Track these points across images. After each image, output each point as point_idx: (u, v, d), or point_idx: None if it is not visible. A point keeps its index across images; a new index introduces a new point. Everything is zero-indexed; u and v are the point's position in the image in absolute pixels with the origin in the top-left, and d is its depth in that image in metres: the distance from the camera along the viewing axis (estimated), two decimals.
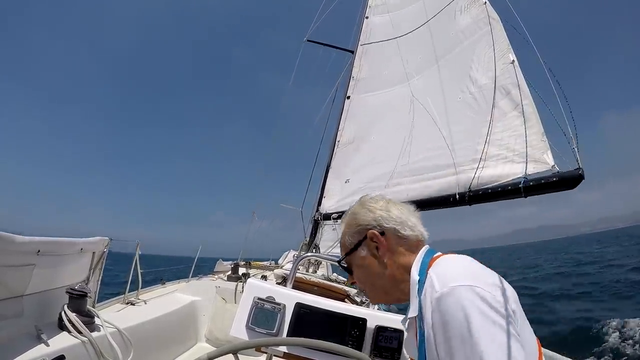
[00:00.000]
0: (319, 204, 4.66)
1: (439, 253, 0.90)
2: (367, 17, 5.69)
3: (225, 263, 4.66)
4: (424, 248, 0.94)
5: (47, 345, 1.49)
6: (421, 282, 0.80)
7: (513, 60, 2.55)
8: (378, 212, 0.98)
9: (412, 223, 0.97)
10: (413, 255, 0.92)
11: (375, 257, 0.95)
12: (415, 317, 0.80)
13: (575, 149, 1.87)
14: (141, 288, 3.08)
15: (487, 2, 3.14)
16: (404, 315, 1.23)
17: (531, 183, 1.92)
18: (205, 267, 4.92)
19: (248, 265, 4.89)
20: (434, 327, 0.71)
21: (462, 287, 0.68)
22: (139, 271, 2.95)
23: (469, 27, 3.29)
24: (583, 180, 1.79)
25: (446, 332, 0.68)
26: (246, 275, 3.65)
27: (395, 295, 0.95)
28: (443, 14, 3.87)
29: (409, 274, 0.87)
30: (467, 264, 0.79)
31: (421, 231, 0.97)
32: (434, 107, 3.39)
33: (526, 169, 2.04)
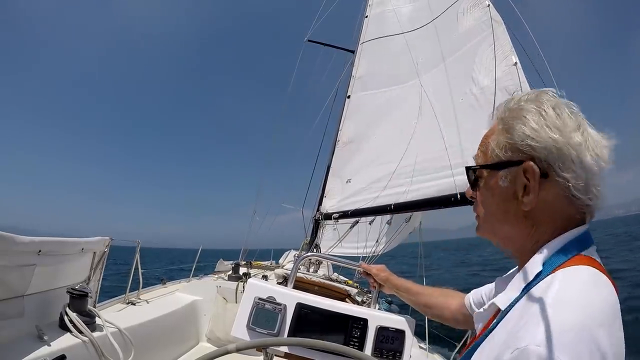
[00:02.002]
0: (320, 203, 4.67)
1: (590, 250, 0.60)
2: (367, 16, 5.68)
3: (226, 263, 4.66)
4: (579, 229, 0.61)
5: (48, 345, 1.49)
6: (540, 277, 0.57)
7: (515, 63, 2.56)
8: (555, 137, 0.59)
9: (592, 179, 0.59)
10: (560, 229, 0.61)
11: (514, 197, 0.63)
12: (500, 311, 0.60)
13: None
14: (142, 288, 3.08)
15: (490, 4, 3.14)
16: (404, 316, 1.23)
17: None
18: (208, 263, 4.91)
19: (249, 265, 4.89)
20: None
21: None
22: (140, 271, 2.95)
23: (472, 29, 3.29)
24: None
25: None
26: (247, 275, 3.65)
27: (501, 246, 0.70)
28: (446, 15, 3.86)
29: (538, 248, 0.61)
30: (603, 312, 0.50)
31: (597, 200, 0.61)
32: (436, 108, 3.38)
33: None
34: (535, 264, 0.60)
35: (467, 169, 0.72)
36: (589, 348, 0.45)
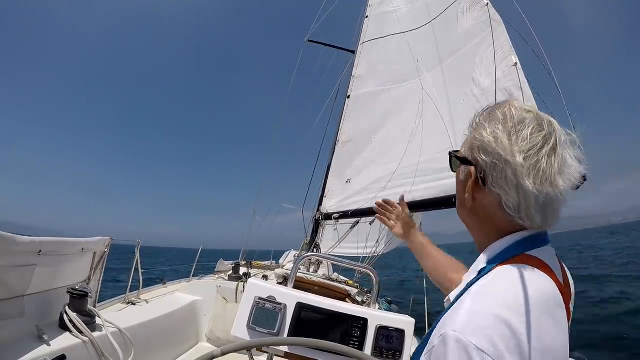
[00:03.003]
0: (320, 203, 4.67)
1: (538, 251, 0.62)
2: (367, 17, 5.69)
3: (226, 263, 4.66)
4: (525, 232, 0.63)
5: (49, 345, 1.49)
6: (482, 273, 0.61)
7: (516, 63, 2.55)
8: (504, 158, 0.60)
9: (529, 201, 0.59)
10: (502, 232, 0.64)
11: (465, 192, 0.68)
12: (451, 301, 0.62)
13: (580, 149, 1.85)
14: (142, 288, 3.08)
15: (489, 3, 3.14)
16: (404, 316, 1.23)
17: None
18: (208, 262, 4.91)
19: (249, 265, 4.89)
20: (430, 353, 0.55)
21: (473, 347, 0.48)
22: (140, 271, 2.95)
23: (471, 30, 3.28)
24: (586, 182, 1.77)
25: None
26: (247, 275, 3.65)
27: (475, 233, 0.72)
28: (445, 15, 3.86)
29: (488, 246, 0.65)
30: (520, 303, 0.53)
31: (537, 220, 0.61)
32: (438, 108, 3.38)
33: None
34: (480, 261, 0.65)
35: (452, 153, 0.75)
36: (500, 332, 0.49)
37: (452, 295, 0.66)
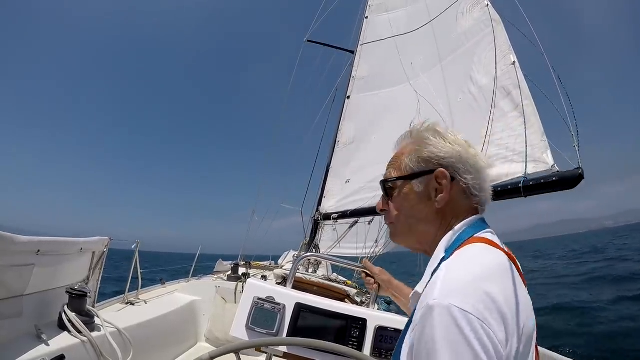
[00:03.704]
0: (319, 204, 4.67)
1: (486, 232, 0.73)
2: (367, 17, 5.69)
3: (225, 263, 4.66)
4: (474, 217, 0.76)
5: (47, 345, 1.49)
6: (444, 260, 0.68)
7: (514, 62, 2.55)
8: (458, 150, 0.77)
9: (485, 180, 0.78)
10: (461, 220, 0.75)
11: (428, 199, 0.77)
12: (419, 294, 0.68)
13: (576, 148, 1.86)
14: (141, 288, 3.08)
15: (489, 4, 3.14)
16: (404, 317, 1.23)
17: (531, 183, 1.92)
18: (207, 265, 4.91)
19: (248, 265, 4.89)
20: (414, 331, 0.60)
21: (456, 309, 0.54)
22: (139, 271, 2.95)
23: (471, 29, 3.29)
24: (583, 180, 1.78)
25: (417, 345, 0.58)
26: (246, 275, 3.65)
27: (416, 246, 0.83)
28: (445, 15, 3.87)
29: (444, 232, 0.75)
30: (491, 271, 0.62)
31: (487, 196, 0.78)
32: (435, 107, 3.39)
33: (526, 169, 2.04)
34: (439, 251, 0.72)
35: (384, 181, 0.86)
36: (476, 293, 0.56)
37: (419, 288, 0.71)
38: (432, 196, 0.77)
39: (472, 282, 0.58)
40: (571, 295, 9.34)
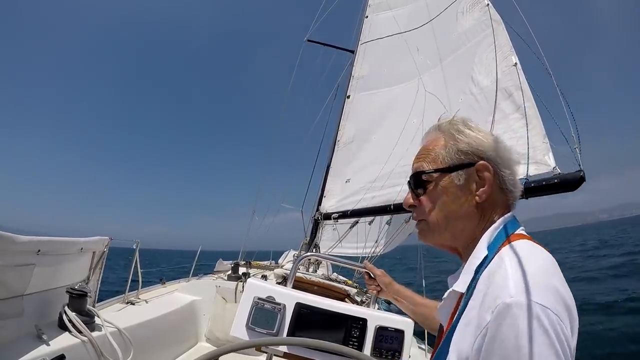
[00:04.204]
0: (319, 203, 4.67)
1: (521, 229, 0.73)
2: (366, 17, 5.69)
3: (225, 262, 4.66)
4: (508, 214, 0.75)
5: (48, 345, 1.49)
6: (487, 259, 0.67)
7: (515, 63, 2.55)
8: (500, 144, 0.76)
9: (517, 175, 0.77)
10: (498, 216, 0.74)
11: (469, 193, 0.74)
12: (462, 294, 0.68)
13: (577, 150, 1.86)
14: (141, 287, 3.08)
15: (490, 4, 3.14)
16: (404, 317, 1.23)
17: (532, 184, 1.92)
18: (207, 263, 4.89)
19: (248, 264, 4.89)
20: (484, 331, 0.57)
21: (538, 306, 0.53)
22: (139, 270, 2.95)
23: (471, 29, 3.29)
24: (584, 182, 1.78)
25: (491, 345, 0.56)
26: (246, 275, 3.65)
27: (449, 243, 0.80)
28: (445, 14, 3.86)
29: (482, 230, 0.73)
30: (550, 266, 0.62)
31: (519, 192, 0.77)
32: (436, 107, 3.38)
33: (527, 171, 2.03)
34: (481, 250, 0.70)
35: (420, 173, 0.79)
36: (549, 289, 0.57)
37: (458, 287, 0.69)
38: (473, 190, 0.74)
39: (544, 277, 0.58)
40: (617, 293, 8.55)
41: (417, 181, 0.80)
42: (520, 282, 0.56)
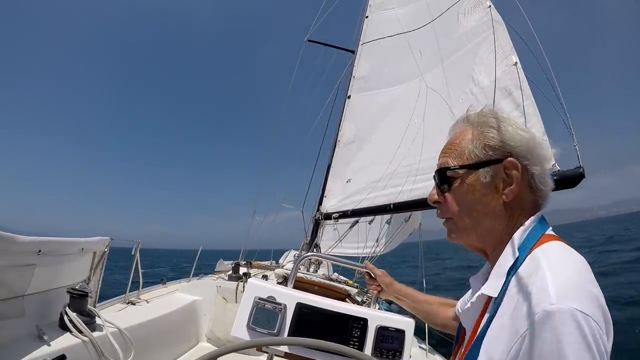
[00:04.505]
0: (320, 203, 4.67)
1: (550, 230, 0.69)
2: (367, 17, 5.69)
3: (226, 262, 4.66)
4: (537, 214, 0.71)
5: (49, 345, 1.49)
6: (519, 261, 0.64)
7: (516, 63, 2.56)
8: (526, 137, 0.71)
9: (548, 173, 0.72)
10: (527, 217, 0.70)
11: (495, 191, 0.70)
12: (493, 299, 0.65)
13: (576, 147, 1.87)
14: (142, 287, 3.08)
15: (492, 5, 3.14)
16: (404, 316, 1.23)
17: None
18: (207, 264, 4.89)
19: (249, 264, 4.89)
20: (520, 339, 0.55)
21: (580, 314, 0.51)
22: (140, 271, 2.95)
23: (472, 30, 3.29)
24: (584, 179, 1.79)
25: (529, 354, 0.53)
26: (247, 275, 3.66)
27: (476, 244, 0.76)
28: (446, 15, 3.86)
29: (511, 238, 0.68)
30: (585, 270, 0.60)
31: (549, 190, 0.73)
32: (436, 107, 3.38)
33: None
34: (511, 251, 0.66)
35: (445, 169, 0.75)
36: (588, 295, 0.54)
37: (488, 291, 0.66)
38: (499, 188, 0.70)
39: (581, 282, 0.56)
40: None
41: (442, 177, 0.76)
42: (560, 288, 0.54)
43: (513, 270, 0.63)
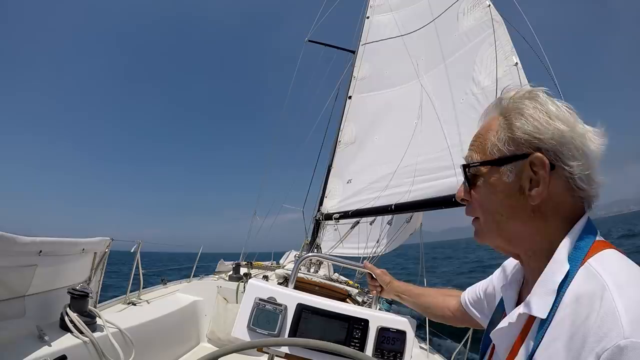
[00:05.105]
0: (321, 204, 4.67)
1: (599, 235, 0.59)
2: (368, 17, 5.69)
3: (226, 263, 4.66)
4: (584, 218, 0.60)
5: (49, 345, 1.49)
6: (571, 274, 0.54)
7: (516, 63, 2.55)
8: (560, 128, 0.58)
9: (594, 167, 0.59)
10: (568, 222, 0.60)
11: (521, 192, 0.61)
12: (538, 320, 0.56)
13: None
14: (143, 288, 3.08)
15: (491, 4, 3.14)
16: (406, 316, 1.23)
17: None
18: (209, 264, 4.89)
19: (249, 265, 4.89)
20: None
21: None
22: (141, 271, 2.95)
23: (472, 30, 3.29)
24: None
25: None
26: (247, 276, 3.66)
27: (506, 247, 0.68)
28: (446, 15, 3.86)
29: (551, 246, 0.59)
30: None
31: (597, 189, 0.61)
32: (437, 108, 3.38)
33: None
34: (560, 262, 0.57)
35: (466, 166, 0.68)
36: None
37: (536, 311, 0.56)
38: (525, 188, 0.60)
39: None
40: None
41: (465, 174, 0.69)
42: (635, 317, 0.44)
43: (564, 286, 0.54)
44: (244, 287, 1.40)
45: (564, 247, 0.57)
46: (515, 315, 0.61)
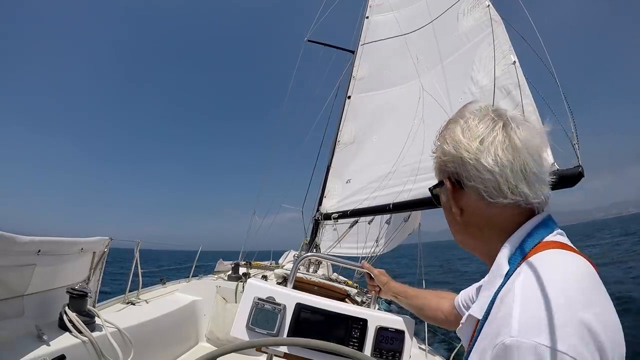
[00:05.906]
0: (320, 203, 4.67)
1: (555, 234, 0.59)
2: (367, 17, 5.69)
3: (225, 263, 4.66)
4: (533, 220, 0.61)
5: (48, 345, 1.49)
6: (507, 275, 0.56)
7: (514, 62, 2.55)
8: (461, 150, 0.63)
9: (517, 174, 0.60)
10: (503, 229, 0.62)
11: (455, 206, 0.67)
12: (475, 319, 0.60)
13: (576, 146, 1.86)
14: (142, 287, 3.08)
15: (490, 4, 3.14)
16: (404, 316, 1.23)
17: None
18: (208, 264, 4.89)
19: (248, 265, 4.89)
20: None
21: (546, 350, 0.42)
22: (140, 271, 2.95)
23: (471, 30, 3.29)
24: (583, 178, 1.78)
25: None
26: (246, 275, 3.65)
27: (481, 257, 0.69)
28: (446, 16, 3.86)
29: (495, 252, 0.62)
30: (581, 288, 0.49)
31: (530, 192, 0.60)
32: (436, 108, 3.39)
33: None
34: (500, 265, 0.59)
35: (430, 189, 0.77)
36: (569, 324, 0.44)
37: (475, 312, 0.60)
38: (452, 205, 0.67)
39: (562, 308, 0.45)
40: None
41: (431, 194, 0.78)
42: (526, 317, 0.45)
43: (500, 288, 0.56)
44: (243, 287, 1.40)
45: (504, 251, 0.60)
46: (465, 317, 0.65)
